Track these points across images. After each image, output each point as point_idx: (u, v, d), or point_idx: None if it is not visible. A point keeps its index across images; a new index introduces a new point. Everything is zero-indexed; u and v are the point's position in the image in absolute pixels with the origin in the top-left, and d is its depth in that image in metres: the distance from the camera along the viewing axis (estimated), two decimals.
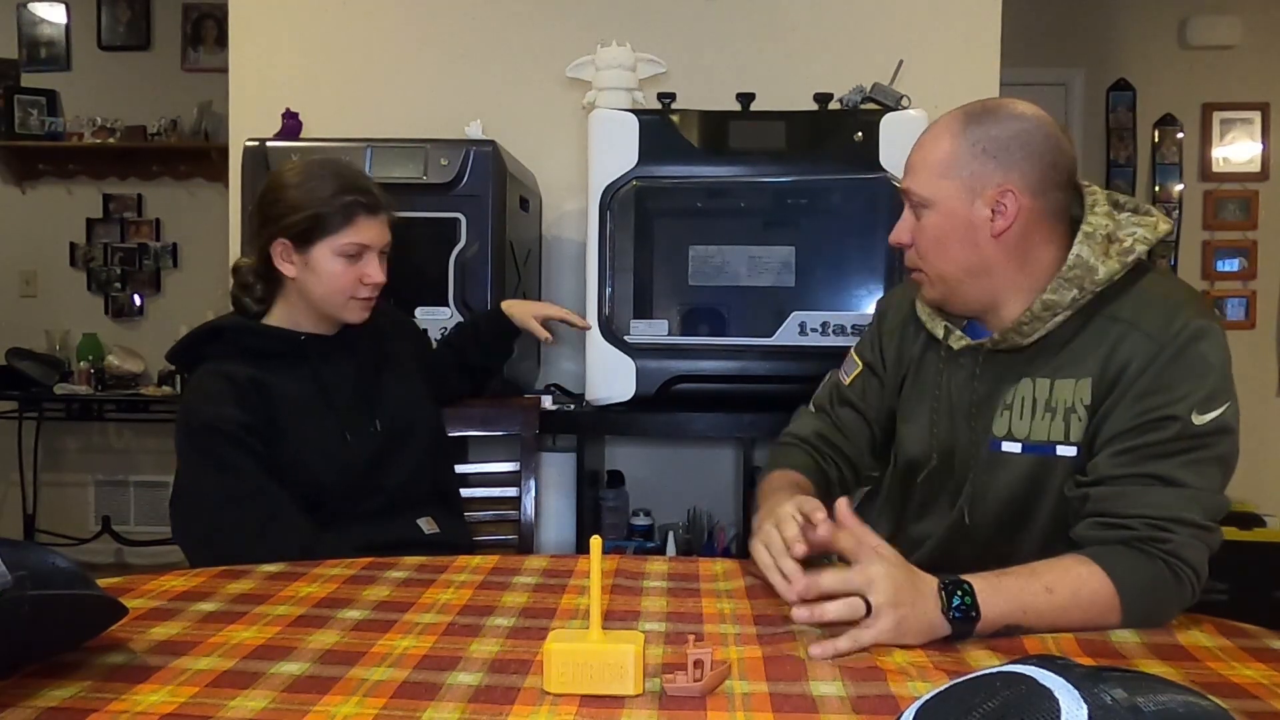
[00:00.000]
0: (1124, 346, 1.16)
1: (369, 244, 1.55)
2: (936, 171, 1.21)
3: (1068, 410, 1.19)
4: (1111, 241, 1.19)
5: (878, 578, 0.99)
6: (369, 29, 2.70)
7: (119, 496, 4.55)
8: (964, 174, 1.20)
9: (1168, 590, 1.08)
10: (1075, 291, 1.17)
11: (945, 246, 1.23)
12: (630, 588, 1.20)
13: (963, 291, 1.25)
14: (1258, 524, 3.40)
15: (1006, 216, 1.19)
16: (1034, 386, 1.22)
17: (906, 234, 1.26)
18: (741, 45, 2.63)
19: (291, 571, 1.27)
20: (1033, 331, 1.20)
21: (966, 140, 1.20)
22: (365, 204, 1.54)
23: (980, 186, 1.19)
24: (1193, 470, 1.11)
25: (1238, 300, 4.35)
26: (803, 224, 2.15)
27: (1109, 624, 1.06)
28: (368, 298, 1.59)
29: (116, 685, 0.87)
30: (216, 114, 4.33)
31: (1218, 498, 1.13)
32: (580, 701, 0.84)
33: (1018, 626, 1.03)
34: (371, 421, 1.60)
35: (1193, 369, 1.13)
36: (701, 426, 2.11)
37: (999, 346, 1.24)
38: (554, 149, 2.62)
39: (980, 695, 0.52)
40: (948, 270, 1.24)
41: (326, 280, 1.55)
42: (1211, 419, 1.12)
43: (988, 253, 1.21)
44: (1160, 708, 0.48)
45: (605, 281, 2.05)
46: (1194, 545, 1.09)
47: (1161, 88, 4.35)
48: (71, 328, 4.48)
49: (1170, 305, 1.16)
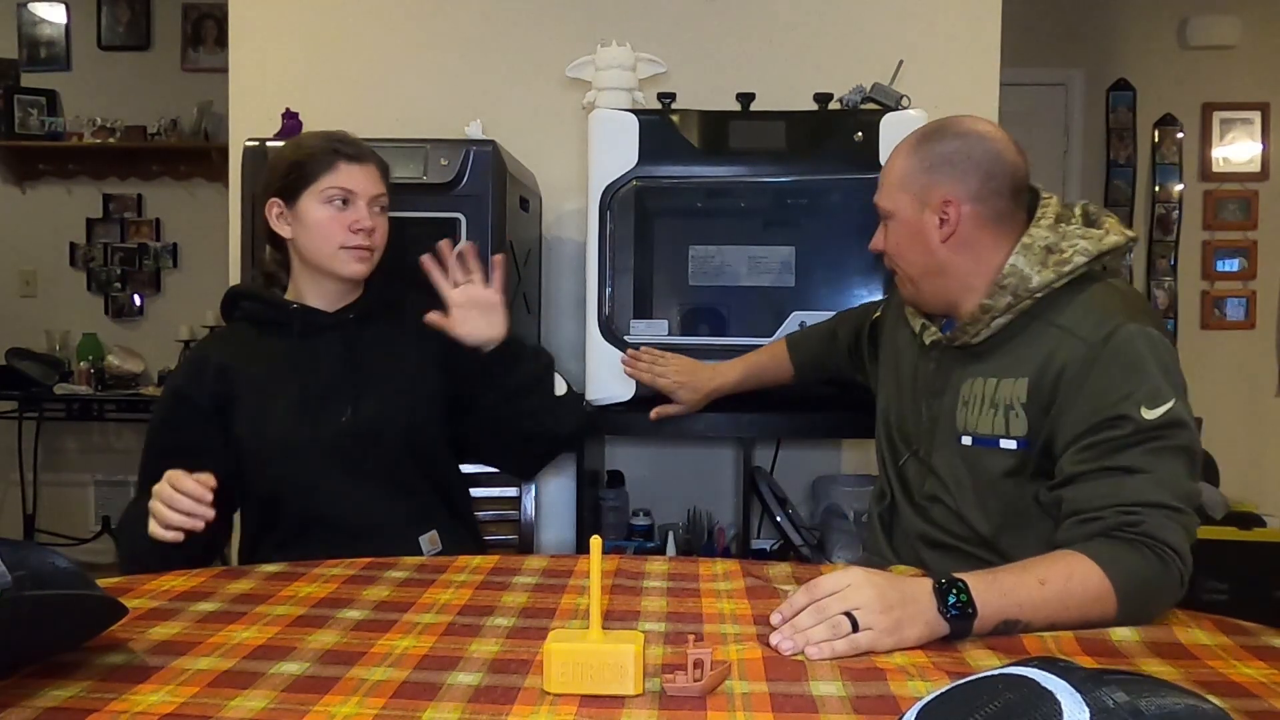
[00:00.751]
0: (1060, 352, 1.24)
1: (354, 189, 1.54)
2: (895, 186, 1.39)
3: (1007, 408, 1.29)
4: (1051, 252, 1.29)
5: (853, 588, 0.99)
6: (369, 29, 2.70)
7: (119, 496, 4.54)
8: (914, 187, 1.36)
9: (1153, 571, 1.09)
10: (1009, 297, 1.29)
11: (905, 251, 1.40)
12: (630, 588, 1.20)
13: (926, 290, 1.40)
14: (1258, 524, 3.39)
15: (950, 223, 1.34)
16: (983, 384, 1.33)
17: (880, 241, 1.44)
18: (741, 45, 2.63)
19: (291, 571, 1.27)
20: (976, 332, 1.33)
21: (917, 157, 1.37)
22: (346, 152, 1.54)
23: (928, 197, 1.35)
24: (1153, 458, 1.15)
25: (1238, 300, 4.34)
26: (803, 224, 2.15)
27: (1106, 613, 1.07)
28: (359, 246, 1.54)
29: (116, 685, 0.87)
30: (216, 114, 4.33)
31: (1185, 483, 1.16)
32: (580, 701, 0.84)
33: (1016, 622, 1.03)
34: (343, 408, 1.54)
35: (1128, 367, 1.19)
36: (701, 426, 2.11)
37: (953, 343, 1.38)
38: (554, 149, 2.62)
39: (982, 697, 0.52)
40: (911, 271, 1.40)
41: (315, 230, 1.54)
42: (1162, 413, 1.16)
43: (941, 256, 1.36)
44: (1162, 710, 0.48)
45: (605, 281, 2.05)
46: (1168, 526, 1.12)
47: (1161, 88, 4.35)
48: (71, 328, 4.48)
49: (1105, 312, 1.24)
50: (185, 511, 1.28)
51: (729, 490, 2.65)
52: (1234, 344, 4.32)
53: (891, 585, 1.01)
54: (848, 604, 0.98)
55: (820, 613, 0.98)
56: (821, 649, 0.95)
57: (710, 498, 2.61)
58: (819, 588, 1.00)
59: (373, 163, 1.58)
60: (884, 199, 1.40)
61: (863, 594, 0.98)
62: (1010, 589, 1.04)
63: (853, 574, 1.02)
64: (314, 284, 1.59)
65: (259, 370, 1.55)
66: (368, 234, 1.54)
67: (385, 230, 1.60)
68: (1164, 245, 4.37)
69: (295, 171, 1.54)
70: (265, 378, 1.55)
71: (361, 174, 1.55)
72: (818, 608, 0.99)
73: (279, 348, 1.56)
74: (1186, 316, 4.37)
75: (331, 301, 1.60)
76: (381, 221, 1.58)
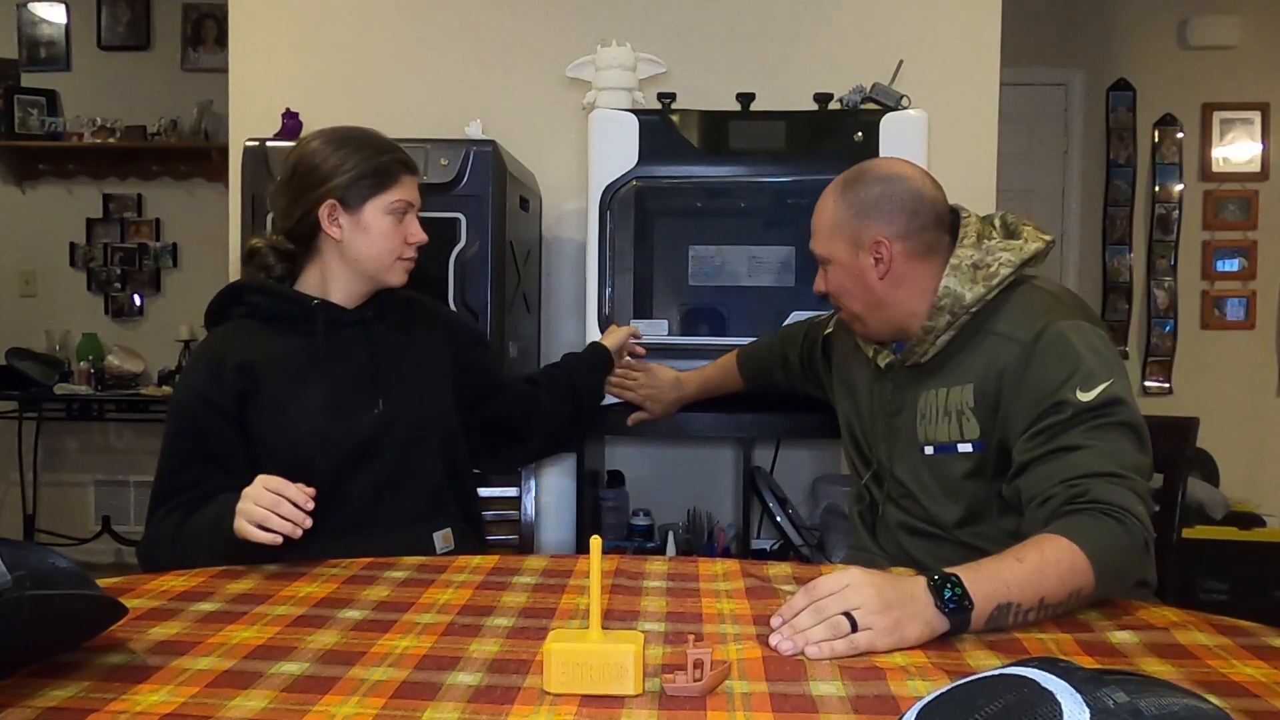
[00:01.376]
0: (999, 356, 1.34)
1: (413, 202, 1.59)
2: (826, 234, 1.47)
3: (959, 413, 1.39)
4: (978, 268, 1.38)
5: (851, 588, 0.99)
6: (369, 29, 2.70)
7: (119, 496, 4.55)
8: (846, 233, 1.45)
9: (1114, 532, 1.14)
10: (948, 316, 1.39)
11: (848, 291, 1.48)
12: (630, 588, 1.20)
13: (872, 322, 1.49)
14: (1258, 524, 3.39)
15: (885, 262, 1.42)
16: (935, 395, 1.43)
17: (821, 284, 1.52)
18: (741, 45, 2.63)
19: (291, 571, 1.28)
20: (924, 351, 1.42)
21: (844, 204, 1.45)
22: (405, 162, 1.58)
23: (860, 240, 1.44)
24: (1094, 434, 1.23)
25: (1238, 300, 4.34)
26: (803, 224, 2.13)
27: (1087, 580, 1.09)
28: (411, 259, 1.60)
29: (116, 685, 0.87)
30: (216, 114, 4.33)
31: (1130, 455, 1.22)
32: (580, 701, 0.84)
33: (1009, 605, 1.04)
34: (374, 402, 1.55)
35: (1059, 358, 1.28)
36: (701, 426, 2.11)
37: (905, 363, 1.47)
38: (554, 149, 2.62)
39: (982, 698, 0.52)
40: (856, 308, 1.49)
41: (378, 239, 1.55)
42: (1098, 393, 1.24)
43: (880, 291, 1.45)
44: (1162, 711, 0.48)
45: (605, 281, 2.05)
46: (1115, 490, 1.17)
47: (1161, 88, 4.35)
48: (71, 328, 4.48)
49: (1035, 313, 1.34)
50: (288, 518, 1.27)
51: (729, 490, 2.65)
52: (1234, 344, 4.32)
53: (889, 585, 1.01)
54: (846, 604, 0.98)
55: (819, 613, 0.98)
56: (821, 649, 0.95)
57: (710, 498, 2.61)
58: (818, 589, 1.00)
59: (417, 173, 1.63)
60: (819, 246, 1.49)
61: (861, 594, 0.99)
62: (995, 573, 1.06)
63: (851, 574, 1.02)
64: (347, 284, 1.58)
65: (282, 366, 1.53)
66: (418, 247, 1.60)
67: None
68: (1164, 245, 4.37)
69: (365, 179, 1.54)
70: (289, 373, 1.52)
71: (415, 185, 1.60)
72: (817, 608, 0.99)
73: (298, 343, 1.54)
74: (1186, 316, 4.37)
75: (353, 300, 1.60)
76: None
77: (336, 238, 1.55)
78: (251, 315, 1.57)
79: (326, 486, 1.37)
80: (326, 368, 1.54)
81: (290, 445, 1.49)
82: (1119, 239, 4.39)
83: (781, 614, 1.01)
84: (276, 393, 1.51)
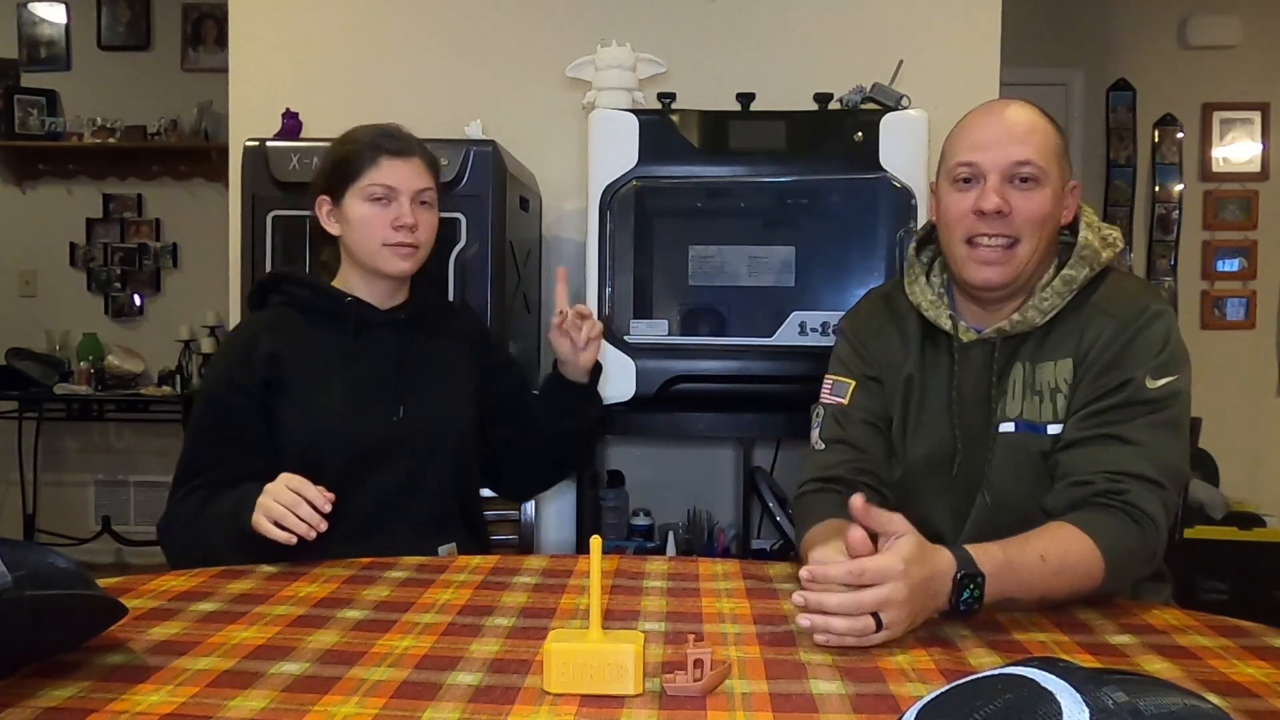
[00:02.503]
0: (1092, 327, 1.28)
1: (395, 185, 1.52)
2: (1053, 153, 1.30)
3: (1053, 391, 1.29)
4: (1103, 236, 1.33)
5: (893, 602, 0.97)
6: (369, 29, 2.69)
7: (119, 496, 4.55)
8: (1063, 166, 1.31)
9: (1134, 539, 1.17)
10: (1087, 269, 1.30)
11: (1045, 224, 1.30)
12: (630, 588, 1.20)
13: (1027, 270, 1.31)
14: (1258, 524, 3.40)
15: (1070, 210, 1.34)
16: (1022, 371, 1.31)
17: (1005, 203, 1.27)
18: (741, 45, 2.63)
19: (291, 571, 1.28)
20: (1051, 309, 1.29)
21: (1055, 131, 1.32)
22: (389, 147, 1.53)
23: (1065, 180, 1.32)
24: (1146, 431, 1.21)
25: (1238, 300, 4.34)
26: (803, 224, 2.15)
27: (1092, 584, 1.12)
28: (402, 244, 1.53)
29: (116, 685, 0.87)
30: (216, 114, 4.33)
31: (1174, 459, 1.23)
32: (580, 701, 0.84)
33: (1010, 600, 1.07)
34: (394, 408, 1.54)
35: (1149, 343, 1.25)
36: (701, 426, 2.11)
37: (1017, 329, 1.31)
38: (554, 149, 2.62)
39: (982, 697, 0.52)
40: (1041, 247, 1.30)
41: (359, 228, 1.53)
42: (1164, 384, 1.23)
43: (1054, 239, 1.33)
44: (1161, 710, 0.48)
45: (605, 281, 2.05)
46: (1148, 497, 1.18)
47: (1161, 88, 4.35)
48: (71, 328, 4.48)
49: (1134, 294, 1.31)
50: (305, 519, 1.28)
51: (729, 490, 2.65)
52: (1234, 344, 4.32)
53: (923, 585, 1.00)
54: (881, 606, 0.96)
55: (853, 606, 0.96)
56: (833, 640, 0.97)
57: (710, 498, 2.61)
58: (865, 574, 0.97)
59: (417, 156, 1.56)
60: (1042, 158, 1.28)
61: (897, 600, 0.97)
62: (1016, 570, 1.08)
63: (896, 571, 0.97)
64: (364, 281, 1.58)
65: (309, 360, 1.52)
66: (410, 230, 1.53)
67: (432, 225, 1.58)
68: (1164, 245, 4.37)
69: (340, 168, 1.54)
70: (316, 369, 1.52)
71: (405, 168, 1.53)
72: (855, 601, 0.96)
73: (329, 339, 1.54)
74: (1186, 316, 4.36)
75: (382, 299, 1.58)
76: (426, 216, 1.56)
77: (335, 233, 1.56)
78: (289, 304, 1.58)
79: (336, 488, 1.35)
80: (353, 367, 1.54)
81: (305, 441, 1.49)
82: None
83: (815, 576, 0.99)
84: (300, 386, 1.51)
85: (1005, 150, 1.28)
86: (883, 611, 0.97)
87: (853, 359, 1.45)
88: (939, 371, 1.37)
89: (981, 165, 1.29)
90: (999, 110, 1.32)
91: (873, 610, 0.96)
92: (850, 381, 1.43)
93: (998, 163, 1.28)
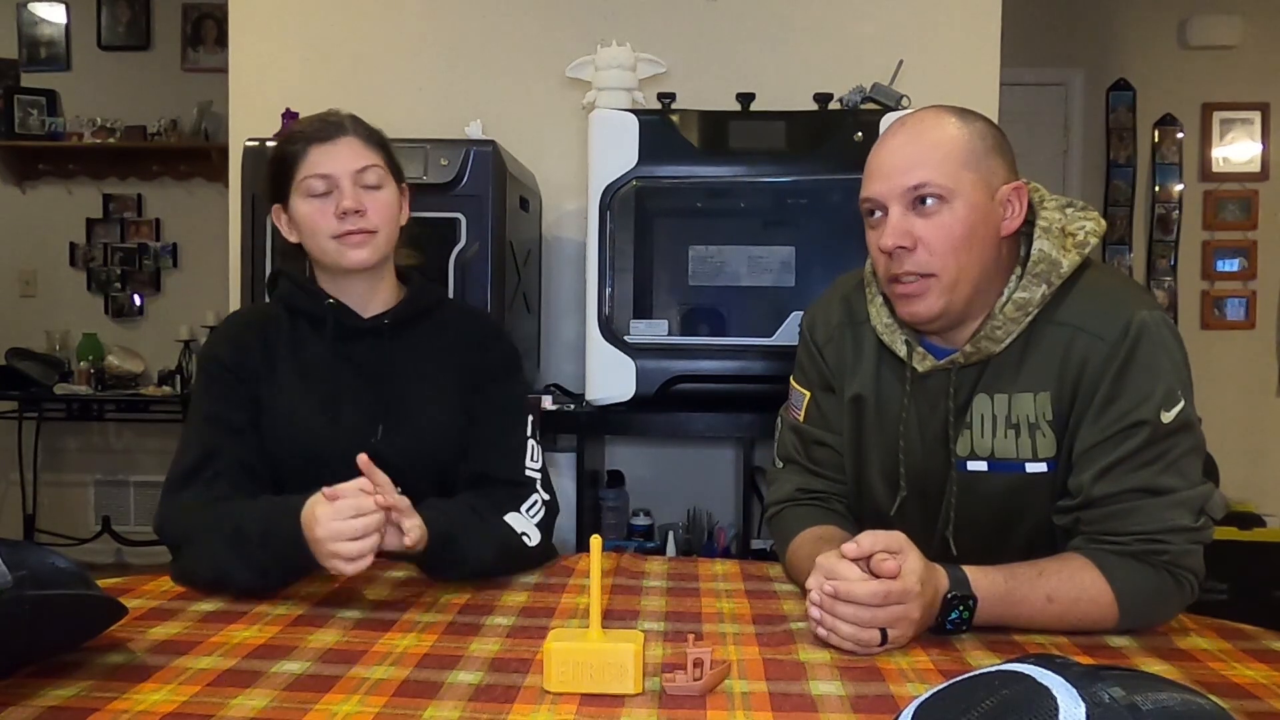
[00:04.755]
0: (1075, 353, 1.13)
1: (330, 172, 1.36)
2: (961, 162, 1.13)
3: (1031, 427, 1.15)
4: (1067, 235, 1.16)
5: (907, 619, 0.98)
6: (369, 29, 2.70)
7: (119, 496, 4.55)
8: (981, 168, 1.14)
9: (1169, 595, 1.09)
10: (1044, 287, 1.13)
11: (966, 245, 1.12)
12: (630, 587, 1.21)
13: (959, 299, 1.15)
14: (1258, 524, 3.40)
15: (1014, 216, 1.15)
16: (992, 403, 1.17)
17: (907, 235, 1.13)
18: (741, 45, 2.63)
19: None
20: (1006, 336, 1.14)
21: (971, 132, 1.14)
22: (314, 135, 1.38)
23: (991, 182, 1.14)
24: (1174, 473, 1.09)
25: (1238, 300, 4.34)
26: (803, 224, 2.15)
27: (1101, 628, 1.08)
28: (352, 230, 1.35)
29: (116, 685, 0.87)
30: (216, 114, 4.33)
31: (1202, 491, 1.11)
32: (580, 700, 0.84)
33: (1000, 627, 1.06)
34: (372, 428, 1.37)
35: (1150, 368, 1.10)
36: (701, 426, 2.11)
37: (971, 360, 1.16)
38: (554, 149, 2.62)
39: (979, 693, 0.52)
40: (971, 271, 1.14)
41: (307, 227, 1.38)
42: (1176, 413, 1.09)
43: (991, 252, 1.15)
44: (1158, 706, 0.48)
45: (605, 281, 2.05)
46: (1190, 550, 1.09)
47: (1161, 88, 4.35)
48: (71, 328, 4.48)
49: (1112, 300, 1.14)
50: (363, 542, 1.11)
51: (729, 490, 2.65)
52: (1234, 344, 4.32)
53: (931, 603, 1.01)
54: (892, 625, 0.98)
55: (865, 620, 0.97)
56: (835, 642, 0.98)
57: (710, 498, 2.61)
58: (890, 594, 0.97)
59: (350, 134, 1.39)
60: (938, 174, 1.12)
61: (912, 616, 0.98)
62: (1018, 602, 1.05)
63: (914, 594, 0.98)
64: (337, 286, 1.42)
65: (292, 363, 1.41)
66: (357, 215, 1.35)
67: (385, 204, 1.39)
68: (1164, 245, 4.37)
69: (277, 171, 1.41)
70: (297, 373, 1.40)
71: (336, 151, 1.37)
72: (870, 616, 0.97)
73: (312, 344, 1.42)
74: (1186, 316, 4.37)
75: (362, 304, 1.42)
76: (375, 196, 1.38)
77: (295, 240, 1.43)
78: (282, 303, 1.46)
79: None
80: (330, 379, 1.41)
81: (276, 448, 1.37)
82: (1119, 239, 4.39)
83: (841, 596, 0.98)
84: (281, 392, 1.40)
85: (901, 177, 1.13)
86: (893, 628, 0.98)
87: (809, 364, 1.35)
88: (893, 397, 1.24)
89: (880, 198, 1.15)
90: (895, 131, 1.18)
91: (884, 626, 0.98)
92: (806, 393, 1.34)
93: (894, 192, 1.14)
